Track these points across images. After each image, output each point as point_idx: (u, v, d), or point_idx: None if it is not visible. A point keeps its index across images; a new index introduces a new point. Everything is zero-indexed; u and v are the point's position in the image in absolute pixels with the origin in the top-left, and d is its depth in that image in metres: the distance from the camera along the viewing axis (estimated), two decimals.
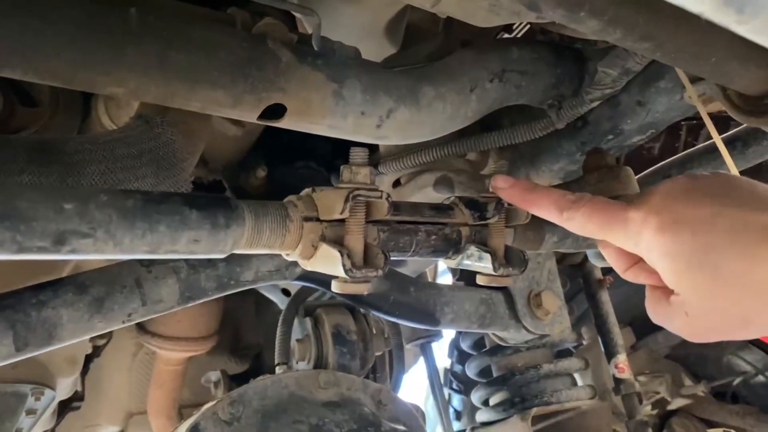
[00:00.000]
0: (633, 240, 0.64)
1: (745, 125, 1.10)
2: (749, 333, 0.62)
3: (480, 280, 0.78)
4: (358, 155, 0.67)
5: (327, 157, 1.62)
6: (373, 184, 0.67)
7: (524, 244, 0.82)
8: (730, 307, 0.58)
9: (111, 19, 0.68)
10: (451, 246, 0.75)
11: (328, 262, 0.64)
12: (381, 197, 0.66)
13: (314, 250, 0.65)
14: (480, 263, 0.74)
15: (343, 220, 0.66)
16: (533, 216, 0.79)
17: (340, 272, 0.63)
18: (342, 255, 0.63)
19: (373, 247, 0.67)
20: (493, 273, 0.74)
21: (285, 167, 1.57)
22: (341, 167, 0.68)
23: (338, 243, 0.65)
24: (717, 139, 0.86)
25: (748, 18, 0.39)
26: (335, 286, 0.67)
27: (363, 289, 0.66)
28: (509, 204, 0.75)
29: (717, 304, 0.59)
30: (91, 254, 0.55)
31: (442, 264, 1.90)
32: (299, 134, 1.17)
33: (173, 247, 0.57)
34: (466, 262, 0.76)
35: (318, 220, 0.65)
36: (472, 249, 0.75)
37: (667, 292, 0.63)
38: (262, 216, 0.62)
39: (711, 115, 0.90)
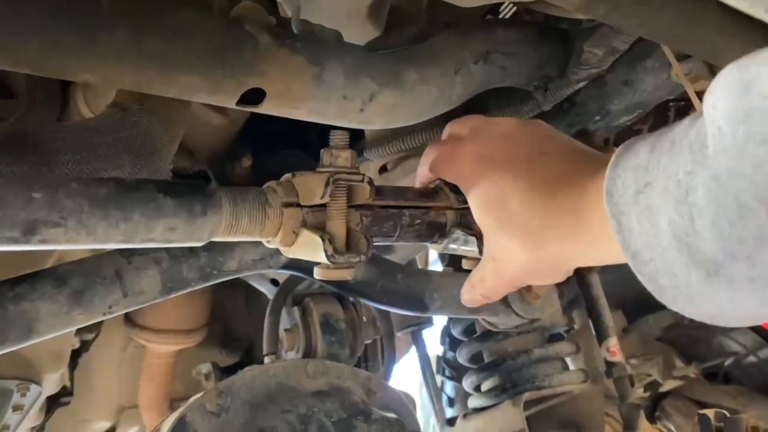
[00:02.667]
0: (447, 172, 0.70)
1: None
2: (532, 278, 0.64)
3: (466, 264, 0.77)
4: (338, 138, 0.66)
5: (314, 145, 1.60)
6: (355, 167, 0.66)
7: None
8: (509, 246, 0.61)
9: (82, 5, 0.66)
10: (437, 230, 0.73)
11: (310, 248, 0.63)
12: (362, 181, 0.65)
13: (295, 236, 0.63)
14: (466, 247, 0.73)
15: (324, 205, 0.64)
16: None
17: (322, 258, 0.62)
18: (323, 240, 0.61)
19: (356, 232, 0.66)
20: (479, 256, 0.73)
21: (271, 156, 1.55)
22: (321, 151, 0.66)
23: (320, 229, 0.64)
24: None
25: None
26: (318, 273, 0.66)
27: (346, 274, 0.65)
28: None
29: (502, 242, 0.61)
30: (63, 244, 0.53)
31: (433, 253, 1.89)
32: (285, 123, 1.15)
33: (149, 235, 0.56)
34: (452, 246, 0.75)
35: (298, 205, 0.64)
36: (458, 233, 0.74)
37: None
38: (241, 202, 0.60)
39: (698, 94, 0.89)
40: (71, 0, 0.65)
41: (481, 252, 0.72)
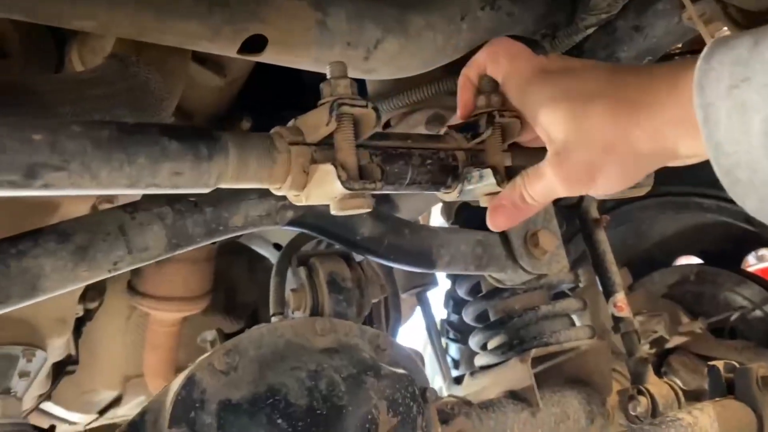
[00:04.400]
0: (521, 89, 0.67)
1: None
2: (594, 188, 0.63)
3: (484, 202, 0.74)
4: (336, 68, 0.63)
5: (314, 107, 1.57)
6: (356, 95, 0.63)
7: (524, 163, 0.78)
8: (587, 155, 0.60)
9: None
10: (449, 172, 0.71)
11: (323, 183, 0.60)
12: (367, 107, 0.62)
13: (306, 176, 0.61)
14: (482, 183, 0.70)
15: (331, 140, 0.62)
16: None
17: (338, 188, 0.59)
18: (336, 167, 0.59)
19: (369, 164, 0.63)
20: (500, 188, 0.70)
21: (271, 118, 1.52)
22: (320, 85, 0.63)
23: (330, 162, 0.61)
24: None
25: None
26: (335, 207, 0.63)
27: (364, 204, 0.62)
28: (501, 116, 0.72)
29: (580, 150, 0.60)
30: (66, 189, 0.51)
31: (435, 216, 1.88)
32: (285, 84, 1.13)
33: (154, 180, 0.54)
34: (468, 187, 0.71)
35: (305, 144, 0.61)
36: (472, 171, 0.71)
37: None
38: (247, 146, 0.59)
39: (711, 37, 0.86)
40: None
41: (498, 183, 0.69)
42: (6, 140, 0.49)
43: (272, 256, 1.59)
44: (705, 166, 0.54)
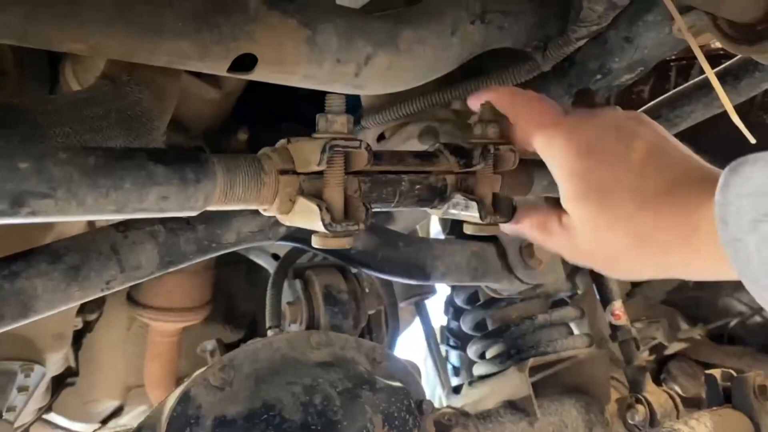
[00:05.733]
0: (547, 146, 0.67)
1: (736, 58, 1.07)
2: (615, 270, 0.67)
3: (467, 229, 0.75)
4: (334, 102, 0.64)
5: (311, 117, 1.57)
6: (351, 133, 0.64)
7: (512, 189, 0.79)
8: (608, 240, 0.62)
9: None
10: (436, 195, 0.72)
11: (307, 216, 0.61)
12: (360, 147, 0.63)
13: (292, 204, 0.62)
14: (466, 212, 0.72)
15: (321, 172, 0.63)
16: (521, 160, 0.76)
17: (319, 227, 0.60)
18: (321, 209, 0.60)
19: (354, 199, 0.64)
20: (480, 222, 0.72)
21: (267, 130, 1.53)
22: (317, 116, 0.64)
23: (317, 196, 0.62)
24: (709, 71, 0.83)
25: None
26: (316, 242, 0.64)
27: (345, 243, 0.64)
28: (496, 149, 0.72)
29: (600, 234, 0.63)
30: (53, 216, 0.52)
31: (435, 225, 1.88)
32: (281, 95, 1.13)
33: (141, 205, 0.54)
34: (452, 211, 0.73)
35: (294, 173, 0.62)
36: (458, 197, 0.72)
37: (558, 214, 0.68)
38: (234, 169, 0.59)
39: (701, 48, 0.86)
40: None
41: (482, 218, 0.71)
42: None
43: (271, 266, 1.59)
44: None
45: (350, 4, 1.00)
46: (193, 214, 0.58)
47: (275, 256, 1.57)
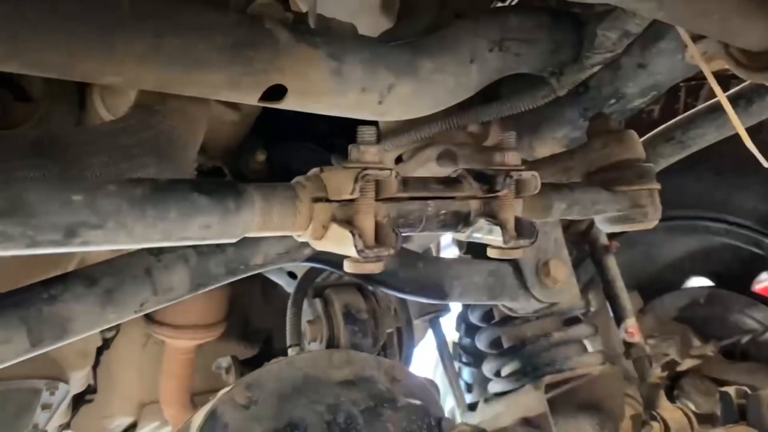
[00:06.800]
0: None
1: (748, 82, 1.10)
2: None
3: (491, 253, 0.78)
4: (366, 134, 0.66)
5: (325, 136, 1.60)
6: (382, 162, 0.66)
7: (533, 213, 0.82)
8: None
9: (102, 7, 0.67)
10: (461, 220, 0.74)
11: (340, 242, 0.64)
12: (390, 175, 0.65)
13: (324, 230, 0.64)
14: (490, 236, 0.74)
15: (353, 200, 0.65)
16: (542, 184, 0.78)
17: (353, 253, 0.63)
18: (354, 236, 0.62)
19: (384, 225, 0.67)
20: (504, 246, 0.74)
21: (284, 149, 1.56)
22: (349, 147, 0.67)
23: (349, 223, 0.65)
24: (721, 96, 0.85)
25: None
26: (348, 267, 0.67)
27: (376, 268, 0.66)
28: (518, 175, 0.75)
29: None
30: (103, 245, 0.54)
31: (445, 238, 1.90)
32: (296, 115, 1.15)
33: (185, 233, 0.57)
34: (476, 235, 0.76)
35: (327, 200, 0.65)
36: (482, 222, 0.74)
37: None
38: (271, 199, 0.61)
39: (713, 74, 0.89)
40: (92, 3, 0.66)
41: (505, 242, 0.73)
42: (48, 200, 0.52)
43: (286, 284, 1.61)
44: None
45: (369, 33, 1.03)
46: (233, 241, 0.60)
47: (291, 274, 1.59)
